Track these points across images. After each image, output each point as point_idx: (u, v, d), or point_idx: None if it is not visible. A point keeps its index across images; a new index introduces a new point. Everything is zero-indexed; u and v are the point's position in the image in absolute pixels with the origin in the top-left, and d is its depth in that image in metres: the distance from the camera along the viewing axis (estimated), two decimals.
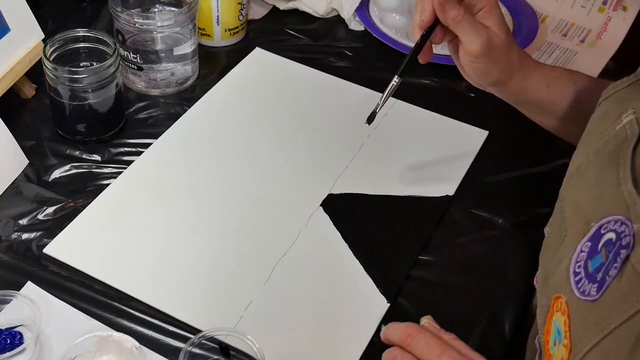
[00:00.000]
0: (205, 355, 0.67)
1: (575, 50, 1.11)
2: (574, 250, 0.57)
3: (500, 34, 0.75)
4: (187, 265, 0.76)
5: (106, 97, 0.87)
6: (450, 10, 0.73)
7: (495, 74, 0.78)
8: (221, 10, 1.02)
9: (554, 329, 0.58)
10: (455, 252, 0.81)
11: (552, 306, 0.59)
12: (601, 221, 0.54)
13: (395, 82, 0.78)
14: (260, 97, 0.98)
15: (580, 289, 0.54)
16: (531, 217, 0.85)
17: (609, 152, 0.58)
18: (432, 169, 0.90)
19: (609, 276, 0.51)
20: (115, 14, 0.92)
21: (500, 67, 0.77)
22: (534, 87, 0.80)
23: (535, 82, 0.79)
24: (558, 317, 0.57)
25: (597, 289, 0.52)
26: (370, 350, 0.70)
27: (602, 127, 0.61)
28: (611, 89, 0.63)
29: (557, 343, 0.57)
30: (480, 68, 0.77)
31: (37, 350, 0.68)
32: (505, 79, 0.79)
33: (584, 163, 0.62)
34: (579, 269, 0.55)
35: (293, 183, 0.86)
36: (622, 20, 1.14)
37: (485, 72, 0.78)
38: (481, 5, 0.75)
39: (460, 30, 0.74)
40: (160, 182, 0.85)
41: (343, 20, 1.12)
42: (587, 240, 0.56)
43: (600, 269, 0.52)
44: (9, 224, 0.79)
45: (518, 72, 0.78)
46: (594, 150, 0.61)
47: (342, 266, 0.78)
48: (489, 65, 0.77)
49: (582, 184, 0.61)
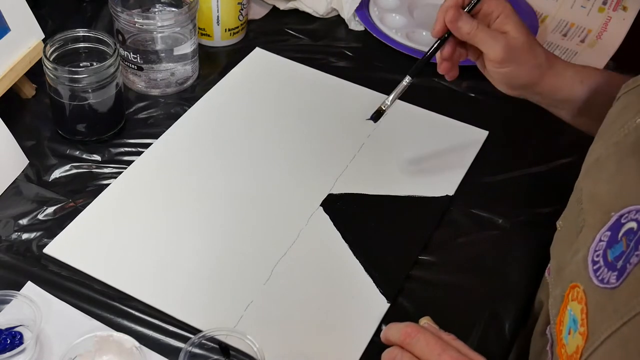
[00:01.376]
0: (205, 355, 0.67)
1: (575, 50, 1.11)
2: (592, 240, 0.57)
3: (518, 36, 0.77)
4: (187, 265, 0.76)
5: (106, 97, 0.87)
6: (464, 26, 0.76)
7: (524, 75, 0.79)
8: (221, 10, 1.03)
9: (568, 318, 0.58)
10: (455, 252, 0.81)
11: (567, 296, 0.59)
12: (622, 211, 0.55)
13: (407, 82, 0.80)
14: (260, 97, 0.98)
15: (599, 277, 0.55)
16: (531, 217, 0.85)
17: (630, 144, 0.59)
18: (432, 169, 0.90)
19: (629, 264, 0.51)
20: (115, 14, 0.93)
21: (527, 67, 0.78)
22: (567, 84, 0.80)
23: (568, 78, 0.80)
24: (574, 306, 0.57)
25: (617, 276, 0.53)
26: (370, 350, 0.70)
27: (622, 121, 0.62)
28: (631, 83, 0.64)
29: (572, 332, 0.57)
30: (507, 73, 0.79)
31: (37, 350, 0.68)
32: (536, 79, 0.79)
33: (603, 155, 0.63)
34: (598, 257, 0.56)
35: (293, 183, 0.86)
36: (622, 20, 1.13)
37: (514, 76, 0.79)
38: (498, 12, 0.78)
39: (478, 42, 0.77)
40: (160, 182, 0.85)
41: (343, 20, 1.12)
42: (606, 229, 0.56)
43: (621, 257, 0.53)
44: (9, 224, 0.79)
45: (548, 70, 0.79)
46: (614, 143, 0.61)
47: (342, 266, 0.78)
48: (516, 68, 0.78)
49: (601, 175, 0.61)
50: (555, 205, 0.73)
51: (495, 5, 0.78)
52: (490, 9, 0.78)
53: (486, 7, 0.78)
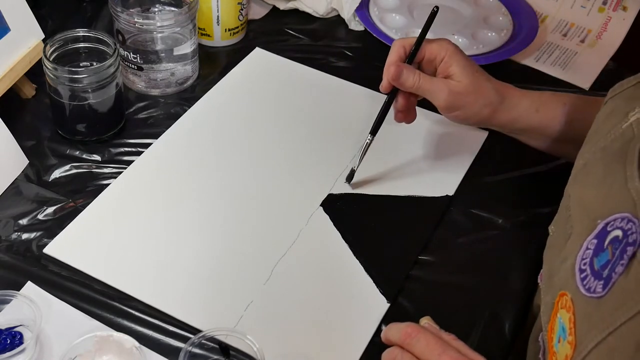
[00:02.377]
0: (205, 355, 0.67)
1: (575, 50, 1.11)
2: (579, 247, 0.57)
3: (462, 78, 0.79)
4: (187, 265, 0.76)
5: (106, 97, 0.87)
6: (406, 81, 0.79)
7: (473, 115, 0.82)
8: (221, 10, 1.03)
9: (558, 326, 0.58)
10: (455, 252, 0.81)
11: (557, 303, 0.59)
12: (608, 218, 0.54)
13: (369, 140, 0.83)
14: (260, 97, 0.98)
15: (585, 285, 0.54)
16: (531, 217, 0.85)
17: (616, 150, 0.59)
18: (432, 169, 0.90)
19: (615, 273, 0.51)
20: (115, 14, 0.93)
21: (475, 108, 0.81)
22: (523, 115, 0.82)
23: (522, 109, 0.82)
24: (563, 314, 0.57)
25: (602, 285, 0.52)
26: (370, 350, 0.70)
27: (609, 125, 0.61)
28: (618, 88, 0.64)
29: (562, 340, 0.57)
30: (457, 116, 0.82)
31: (37, 350, 0.68)
32: (487, 116, 0.82)
33: (591, 161, 0.62)
34: (585, 266, 0.55)
35: (293, 183, 0.86)
36: (622, 20, 1.14)
37: (465, 117, 0.82)
38: (441, 56, 0.80)
39: (422, 92, 0.81)
40: (160, 182, 0.85)
41: (343, 20, 1.12)
42: (593, 237, 0.56)
43: (607, 266, 0.52)
44: (9, 224, 0.79)
45: (500, 105, 0.81)
46: (601, 148, 0.61)
47: (342, 266, 0.78)
48: (463, 112, 0.81)
49: (588, 181, 0.61)
50: (555, 206, 0.73)
51: (437, 49, 0.80)
52: (433, 54, 0.80)
53: (428, 54, 0.81)
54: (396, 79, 0.79)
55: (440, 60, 0.80)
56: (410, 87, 0.80)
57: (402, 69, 0.79)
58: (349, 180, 0.86)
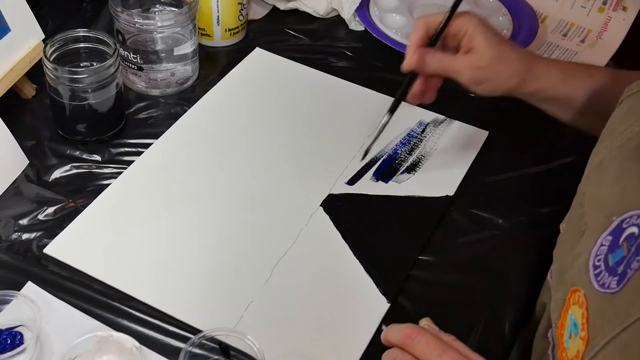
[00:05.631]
0: (205, 355, 0.67)
1: (575, 50, 1.11)
2: (593, 243, 0.57)
3: (486, 50, 0.78)
4: (188, 265, 0.76)
5: (106, 97, 0.87)
6: (429, 66, 0.79)
7: (500, 87, 0.80)
8: (221, 11, 1.03)
9: (569, 322, 0.58)
10: (455, 252, 0.81)
11: (569, 300, 0.59)
12: (623, 215, 0.55)
13: (387, 119, 0.82)
14: (261, 97, 0.98)
15: (600, 281, 0.55)
16: (531, 217, 0.85)
17: (632, 148, 0.59)
18: (432, 169, 0.90)
19: (630, 269, 0.51)
20: (115, 14, 0.93)
21: (501, 79, 0.80)
22: (549, 85, 0.81)
23: (549, 79, 0.80)
24: (575, 310, 0.57)
25: (617, 281, 0.53)
26: (370, 351, 0.70)
27: (626, 124, 0.62)
28: (635, 87, 0.64)
29: (573, 336, 0.57)
30: (483, 89, 0.81)
31: (37, 350, 0.68)
32: (514, 86, 0.80)
33: (606, 159, 0.63)
34: (599, 262, 0.56)
35: (293, 183, 0.86)
36: (622, 20, 1.13)
37: (491, 89, 0.81)
38: (464, 30, 0.79)
39: (446, 73, 0.80)
40: (160, 182, 0.85)
41: (343, 20, 1.12)
42: (608, 234, 0.56)
43: (622, 262, 0.53)
44: (9, 224, 0.79)
45: (527, 75, 0.80)
46: (617, 146, 0.62)
47: (342, 266, 0.78)
48: (490, 84, 0.80)
49: (604, 179, 0.61)
50: (555, 206, 0.74)
51: (461, 23, 0.79)
52: (457, 29, 0.80)
53: (452, 29, 0.80)
54: (419, 66, 0.79)
55: (464, 34, 0.79)
56: (433, 72, 0.80)
57: (423, 55, 0.79)
58: (363, 157, 0.87)
